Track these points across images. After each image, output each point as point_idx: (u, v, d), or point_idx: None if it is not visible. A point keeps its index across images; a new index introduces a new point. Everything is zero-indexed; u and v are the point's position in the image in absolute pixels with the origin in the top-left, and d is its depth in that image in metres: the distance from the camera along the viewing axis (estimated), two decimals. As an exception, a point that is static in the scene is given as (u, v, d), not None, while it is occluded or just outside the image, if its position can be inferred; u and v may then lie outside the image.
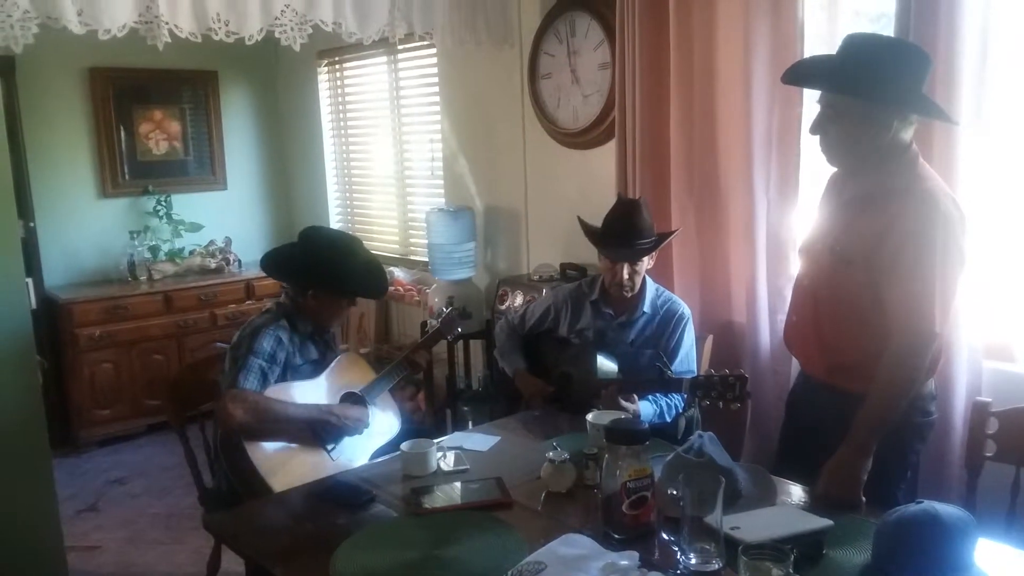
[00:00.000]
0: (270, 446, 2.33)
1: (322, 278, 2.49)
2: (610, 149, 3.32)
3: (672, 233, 2.75)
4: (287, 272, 2.58)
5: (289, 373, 2.47)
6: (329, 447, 2.42)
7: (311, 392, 2.46)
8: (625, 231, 2.57)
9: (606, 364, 2.56)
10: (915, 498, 1.60)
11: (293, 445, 2.36)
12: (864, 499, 1.84)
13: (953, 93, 2.25)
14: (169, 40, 2.76)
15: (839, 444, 1.89)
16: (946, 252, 1.85)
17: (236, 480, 2.34)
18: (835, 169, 2.07)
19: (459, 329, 2.90)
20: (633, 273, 2.59)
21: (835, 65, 1.94)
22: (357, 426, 2.46)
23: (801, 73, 2.07)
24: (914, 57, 1.90)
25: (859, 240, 1.94)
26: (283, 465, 2.32)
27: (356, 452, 2.47)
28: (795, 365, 2.39)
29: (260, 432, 2.30)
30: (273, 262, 2.60)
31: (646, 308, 2.65)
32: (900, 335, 1.86)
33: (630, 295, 2.63)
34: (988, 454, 2.08)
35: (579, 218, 2.76)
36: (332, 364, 2.58)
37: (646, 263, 2.63)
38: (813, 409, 2.14)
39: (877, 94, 1.86)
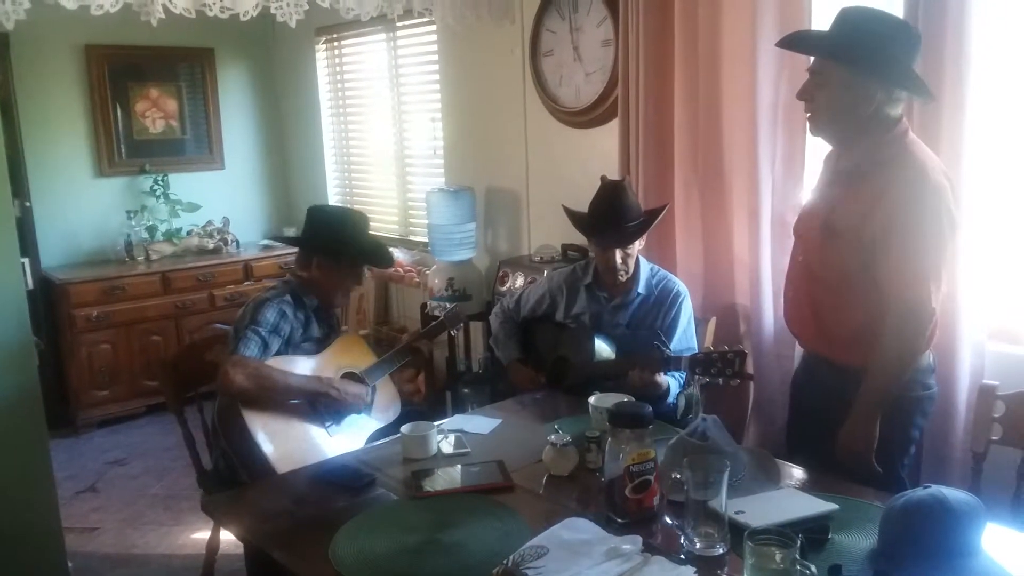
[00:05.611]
0: (268, 417, 2.31)
1: (327, 244, 2.52)
2: (613, 128, 3.28)
3: (662, 210, 2.65)
4: (296, 242, 2.65)
5: (291, 349, 2.46)
6: (327, 423, 2.41)
7: (310, 369, 2.44)
8: (612, 215, 2.52)
9: (603, 348, 2.53)
10: (919, 478, 1.59)
11: (291, 418, 2.35)
12: (880, 468, 1.91)
13: (962, 70, 2.21)
14: (163, 16, 2.73)
15: (843, 421, 1.94)
16: (938, 223, 1.87)
17: (232, 451, 2.32)
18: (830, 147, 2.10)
19: (460, 325, 2.89)
20: (626, 257, 2.55)
21: (826, 34, 2.00)
22: (357, 403, 2.43)
23: (794, 40, 2.14)
24: (904, 33, 1.93)
25: (848, 213, 1.96)
26: (281, 438, 2.30)
27: (354, 431, 2.45)
28: (799, 350, 2.37)
29: (259, 399, 2.29)
30: (285, 238, 2.71)
31: (641, 289, 2.61)
32: (898, 309, 1.89)
33: (625, 279, 2.59)
34: (994, 437, 2.06)
35: (564, 206, 2.70)
36: (332, 344, 2.56)
37: (637, 245, 2.58)
38: (815, 389, 2.16)
39: (862, 63, 1.89)
